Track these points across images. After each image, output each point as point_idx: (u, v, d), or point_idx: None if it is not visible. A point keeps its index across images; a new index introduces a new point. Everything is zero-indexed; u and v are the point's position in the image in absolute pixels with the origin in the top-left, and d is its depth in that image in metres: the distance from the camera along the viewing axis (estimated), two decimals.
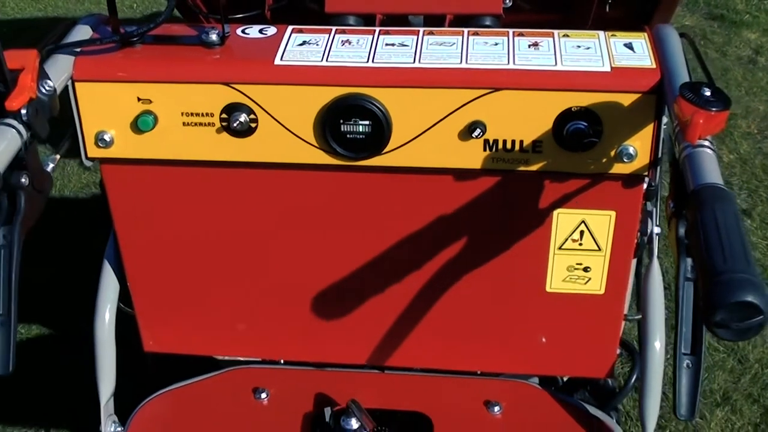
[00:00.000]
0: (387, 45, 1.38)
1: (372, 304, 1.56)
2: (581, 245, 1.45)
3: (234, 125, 1.36)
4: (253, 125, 1.37)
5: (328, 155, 1.38)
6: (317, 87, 1.33)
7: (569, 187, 1.39)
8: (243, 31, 1.44)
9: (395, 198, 1.45)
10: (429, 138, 1.35)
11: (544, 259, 1.47)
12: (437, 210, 1.44)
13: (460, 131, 1.34)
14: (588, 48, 1.35)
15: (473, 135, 1.33)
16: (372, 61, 1.35)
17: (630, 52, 1.34)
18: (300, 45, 1.39)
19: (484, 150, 1.35)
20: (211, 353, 1.75)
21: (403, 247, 1.48)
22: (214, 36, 1.39)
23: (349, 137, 1.35)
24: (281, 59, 1.36)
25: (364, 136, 1.35)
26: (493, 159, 1.36)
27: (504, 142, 1.34)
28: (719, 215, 0.97)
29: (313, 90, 1.34)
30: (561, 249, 1.46)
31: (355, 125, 1.34)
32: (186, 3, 1.72)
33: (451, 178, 1.40)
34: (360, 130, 1.34)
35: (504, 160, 1.36)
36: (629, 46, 1.35)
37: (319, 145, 1.37)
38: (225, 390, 1.69)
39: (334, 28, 1.43)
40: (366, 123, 1.34)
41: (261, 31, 1.43)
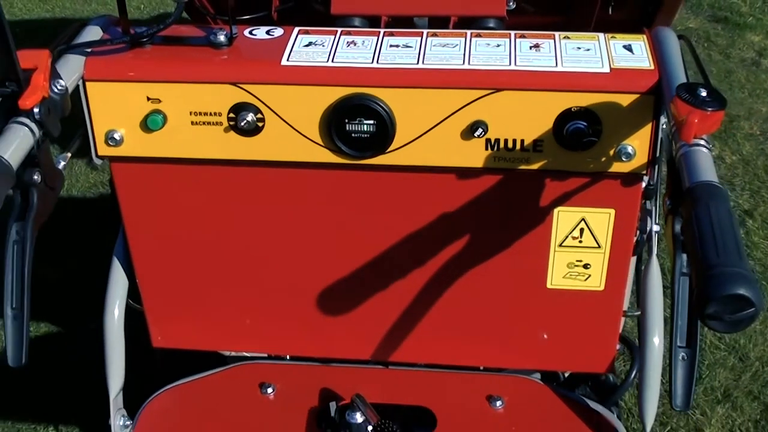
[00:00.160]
0: (391, 46, 1.39)
1: (376, 300, 1.57)
2: (581, 242, 1.46)
3: (241, 124, 1.36)
4: (260, 124, 1.38)
5: (333, 154, 1.39)
6: (323, 87, 1.34)
7: (569, 186, 1.40)
8: (250, 32, 1.44)
9: (399, 196, 1.45)
10: (432, 137, 1.36)
11: (544, 256, 1.48)
12: (440, 208, 1.45)
13: (462, 131, 1.35)
14: (588, 49, 1.36)
15: (475, 134, 1.34)
16: (377, 62, 1.36)
17: (629, 53, 1.35)
18: (306, 46, 1.39)
19: (485, 149, 1.36)
20: (218, 349, 1.75)
21: (407, 244, 1.49)
22: (222, 37, 1.39)
23: (354, 136, 1.36)
24: (288, 60, 1.37)
25: (368, 135, 1.36)
26: (495, 158, 1.37)
27: (505, 141, 1.35)
28: (713, 212, 0.98)
29: (319, 90, 1.35)
30: (561, 246, 1.47)
31: (360, 125, 1.35)
32: (193, 4, 1.74)
33: (454, 176, 1.41)
34: (365, 129, 1.35)
35: (505, 159, 1.37)
36: (628, 47, 1.36)
37: (325, 144, 1.38)
38: (232, 385, 1.69)
39: (339, 29, 1.44)
40: (371, 122, 1.35)
41: (268, 32, 1.44)
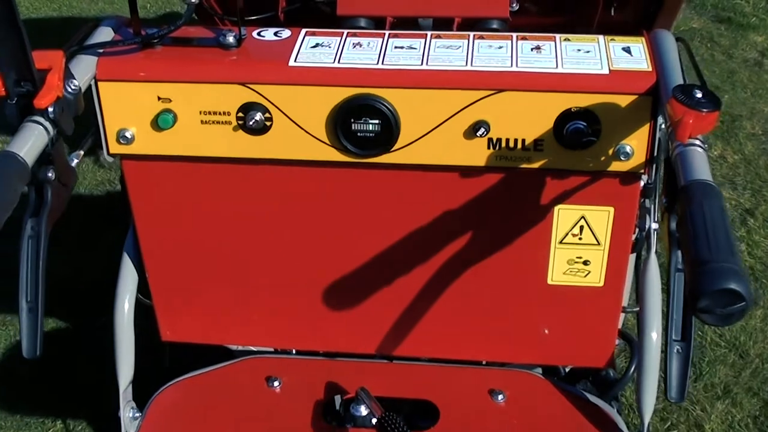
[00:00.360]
0: (396, 48, 1.41)
1: (381, 296, 1.59)
2: (581, 240, 1.47)
3: (250, 123, 1.39)
4: (268, 123, 1.40)
5: (339, 152, 1.41)
6: (329, 87, 1.36)
7: (569, 184, 1.42)
8: (258, 34, 1.46)
9: (403, 193, 1.47)
10: (435, 136, 1.38)
11: (545, 253, 1.50)
12: (443, 205, 1.47)
13: (465, 130, 1.37)
14: (588, 51, 1.37)
15: (477, 134, 1.36)
16: (381, 63, 1.38)
17: (628, 55, 1.36)
18: (313, 47, 1.41)
19: (488, 148, 1.38)
20: (226, 343, 1.77)
21: (411, 241, 1.51)
22: (231, 38, 1.41)
23: (360, 135, 1.38)
24: (295, 61, 1.39)
25: (373, 134, 1.38)
26: (497, 157, 1.39)
27: (507, 140, 1.37)
28: (706, 210, 1.01)
29: (326, 90, 1.37)
30: (562, 243, 1.48)
31: (366, 124, 1.37)
32: (201, 5, 1.76)
33: (457, 175, 1.43)
34: (370, 128, 1.37)
35: (507, 158, 1.39)
36: (627, 49, 1.38)
37: (331, 143, 1.40)
38: (239, 378, 1.71)
39: (345, 31, 1.46)
40: (376, 122, 1.37)
41: (276, 34, 1.46)
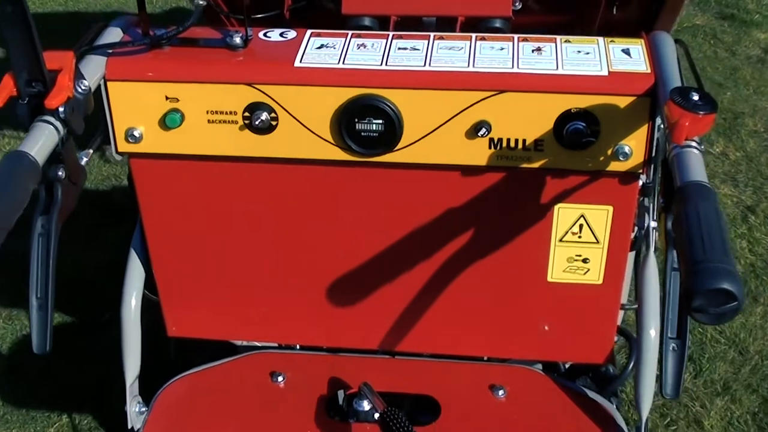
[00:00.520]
0: (399, 49, 1.43)
1: (383, 292, 1.60)
2: (580, 238, 1.49)
3: (256, 123, 1.40)
4: (274, 123, 1.41)
5: (343, 152, 1.43)
6: (334, 88, 1.38)
7: (569, 184, 1.43)
8: (265, 35, 1.48)
9: (406, 192, 1.49)
10: (438, 136, 1.40)
11: (545, 251, 1.52)
12: (445, 204, 1.49)
13: (466, 130, 1.39)
14: (588, 53, 1.39)
15: (479, 134, 1.38)
16: (385, 64, 1.39)
17: (627, 57, 1.38)
18: (318, 48, 1.43)
19: (489, 148, 1.40)
20: (231, 338, 1.79)
21: (413, 239, 1.52)
22: (237, 39, 1.43)
23: (364, 135, 1.40)
24: (300, 61, 1.40)
25: (377, 134, 1.39)
26: (498, 156, 1.41)
27: (508, 140, 1.39)
28: (701, 210, 1.02)
29: (330, 90, 1.38)
30: (561, 241, 1.50)
31: (369, 124, 1.39)
32: (208, 4, 1.78)
33: (458, 174, 1.45)
34: (374, 128, 1.39)
35: (508, 157, 1.40)
36: (626, 51, 1.39)
37: (335, 142, 1.42)
38: (243, 373, 1.72)
39: (350, 32, 1.48)
40: (379, 122, 1.38)
41: (282, 35, 1.48)
